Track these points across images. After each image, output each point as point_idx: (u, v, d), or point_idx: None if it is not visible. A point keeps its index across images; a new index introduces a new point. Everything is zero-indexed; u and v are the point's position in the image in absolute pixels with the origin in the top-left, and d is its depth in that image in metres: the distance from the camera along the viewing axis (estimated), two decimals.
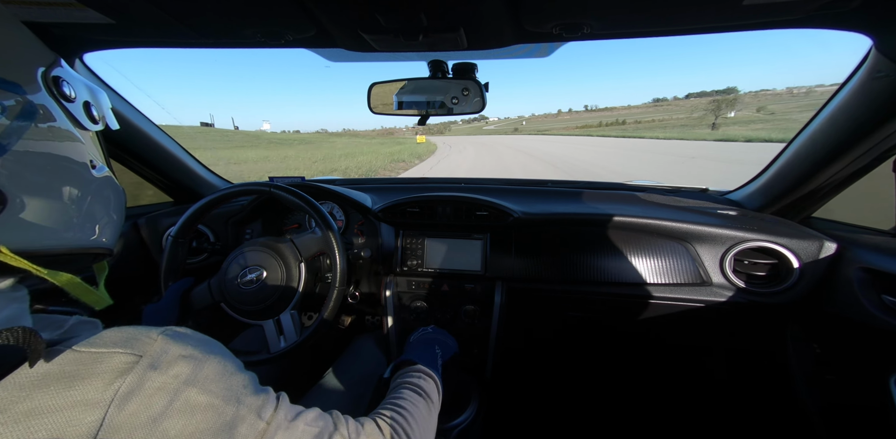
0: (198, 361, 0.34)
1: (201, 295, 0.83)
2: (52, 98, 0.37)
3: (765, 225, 0.99)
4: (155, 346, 0.33)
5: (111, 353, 0.31)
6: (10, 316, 0.33)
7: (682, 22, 0.67)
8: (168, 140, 1.19)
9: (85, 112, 0.42)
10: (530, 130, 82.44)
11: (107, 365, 0.30)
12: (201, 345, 0.37)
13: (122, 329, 0.34)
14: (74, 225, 0.38)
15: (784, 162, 0.96)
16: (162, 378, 0.31)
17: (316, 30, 0.69)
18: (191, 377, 0.33)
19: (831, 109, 0.80)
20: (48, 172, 0.35)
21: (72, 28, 0.71)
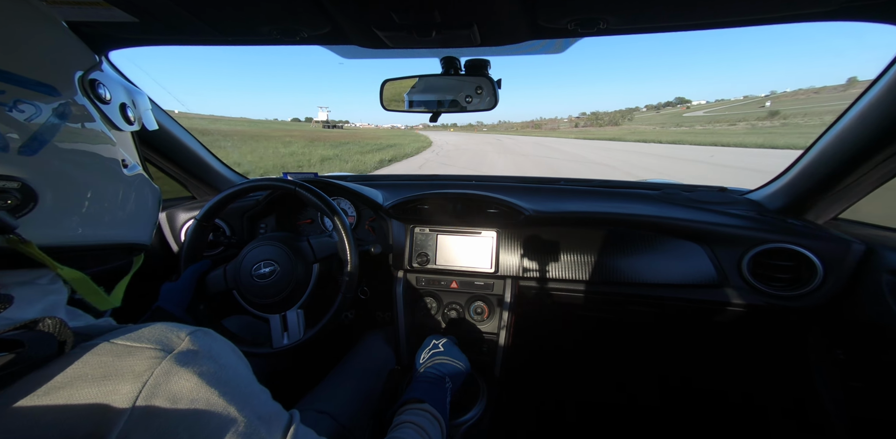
0: (220, 365, 0.35)
1: (216, 280, 0.86)
2: (87, 100, 0.39)
3: (787, 226, 0.96)
4: (182, 345, 0.34)
5: (142, 348, 0.32)
6: (45, 307, 0.35)
7: (705, 15, 0.65)
8: (187, 136, 1.22)
9: (121, 113, 0.44)
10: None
11: (137, 359, 0.31)
12: (225, 349, 0.37)
13: (156, 325, 0.35)
14: (105, 221, 0.40)
15: (810, 161, 0.92)
16: (185, 375, 0.32)
17: (331, 27, 0.70)
18: (212, 379, 0.33)
19: (862, 106, 0.76)
20: (79, 171, 0.36)
21: (98, 27, 0.74)
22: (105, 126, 0.41)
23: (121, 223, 0.43)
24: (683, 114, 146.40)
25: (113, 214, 0.41)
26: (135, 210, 0.45)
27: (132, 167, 0.44)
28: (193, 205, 1.32)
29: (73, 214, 0.36)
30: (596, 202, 1.19)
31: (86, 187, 0.37)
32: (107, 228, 0.41)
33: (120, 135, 0.43)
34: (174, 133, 1.16)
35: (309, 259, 0.87)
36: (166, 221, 1.28)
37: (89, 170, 0.38)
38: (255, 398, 0.36)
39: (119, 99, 0.44)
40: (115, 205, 0.41)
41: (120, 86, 0.45)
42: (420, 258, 1.13)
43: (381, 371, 0.99)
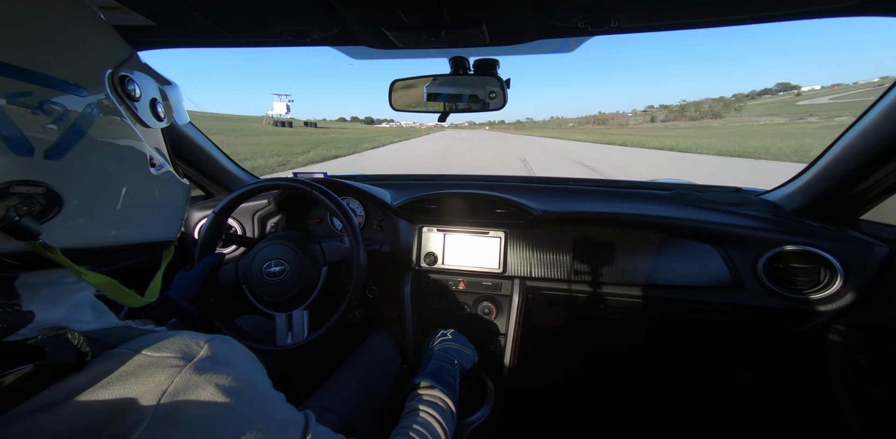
0: (238, 372, 0.36)
1: (227, 273, 0.88)
2: (116, 98, 0.37)
3: (804, 227, 0.93)
4: (201, 353, 0.35)
5: (162, 357, 0.33)
6: (71, 306, 0.36)
7: (720, 12, 0.64)
8: (200, 135, 1.25)
9: (151, 110, 0.42)
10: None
11: (157, 368, 0.32)
12: (243, 356, 0.39)
13: (175, 335, 0.36)
14: (133, 222, 0.39)
15: (830, 160, 0.89)
16: (203, 383, 0.33)
17: (340, 27, 0.71)
18: (230, 386, 0.34)
19: (887, 103, 0.73)
20: (106, 173, 0.35)
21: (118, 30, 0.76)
22: (134, 124, 0.39)
23: (150, 222, 0.42)
24: (798, 103, 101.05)
25: (141, 214, 0.40)
26: (163, 208, 0.44)
27: (160, 165, 0.43)
28: (207, 203, 1.34)
29: (100, 217, 0.35)
30: (605, 202, 1.18)
31: (113, 189, 0.36)
32: (135, 228, 0.40)
33: (148, 131, 0.42)
34: (187, 133, 1.18)
35: (319, 262, 0.88)
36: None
37: (117, 172, 0.37)
38: (271, 404, 0.37)
39: (149, 94, 0.42)
40: (143, 205, 0.40)
41: (150, 80, 0.43)
42: (428, 258, 1.13)
43: (386, 370, 0.99)
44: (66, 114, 0.32)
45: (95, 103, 0.34)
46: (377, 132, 60.47)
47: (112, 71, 0.37)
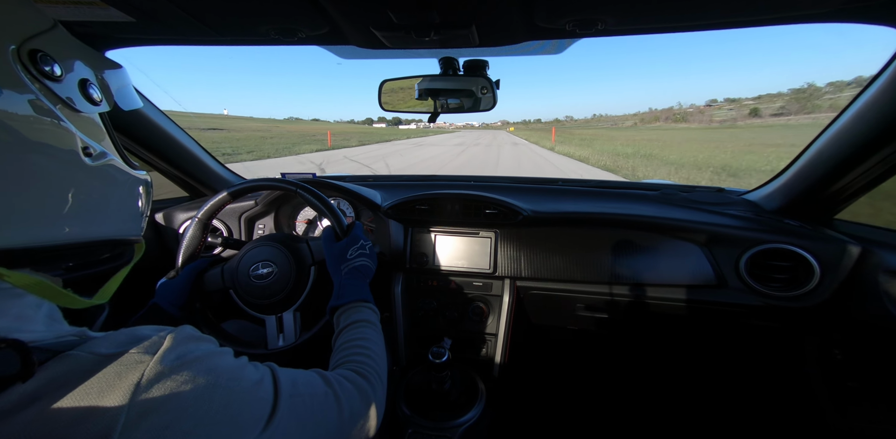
0: (206, 354, 0.36)
1: (213, 278, 0.86)
2: (27, 76, 0.32)
3: (783, 226, 0.96)
4: (165, 344, 0.34)
5: (125, 354, 0.32)
6: (18, 313, 0.33)
7: (701, 17, 0.66)
8: (184, 136, 1.21)
9: (80, 92, 0.37)
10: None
11: (121, 365, 0.31)
12: (203, 340, 0.39)
13: (130, 330, 0.35)
14: (67, 219, 0.35)
15: (806, 161, 0.92)
16: (177, 369, 0.32)
17: (329, 27, 0.70)
18: (202, 367, 0.34)
19: (859, 106, 0.76)
20: (21, 168, 0.31)
21: (95, 26, 0.73)
22: (54, 105, 0.34)
23: (93, 219, 0.38)
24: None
25: (76, 210, 0.36)
26: (106, 203, 0.40)
27: (100, 155, 0.38)
28: (191, 205, 1.31)
29: (21, 215, 0.31)
30: (594, 202, 1.19)
31: (33, 184, 0.32)
32: (75, 226, 0.36)
33: (81, 118, 0.37)
34: (171, 132, 1.15)
35: (307, 261, 0.87)
36: (164, 222, 1.27)
37: (35, 164, 0.32)
38: (241, 369, 0.38)
39: (78, 74, 0.37)
40: (77, 200, 0.36)
41: (79, 57, 0.38)
42: (419, 258, 1.13)
43: None
44: None
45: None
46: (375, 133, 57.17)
47: (16, 46, 0.32)
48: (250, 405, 0.37)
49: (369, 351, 0.59)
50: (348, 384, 0.50)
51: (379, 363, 0.58)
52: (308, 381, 0.46)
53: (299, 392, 0.43)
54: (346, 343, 0.60)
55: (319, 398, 0.45)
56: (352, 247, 0.78)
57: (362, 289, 0.72)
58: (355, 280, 0.73)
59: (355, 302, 0.69)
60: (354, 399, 0.49)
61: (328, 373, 0.51)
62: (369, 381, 0.53)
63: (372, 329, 0.64)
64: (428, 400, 0.99)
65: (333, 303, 0.69)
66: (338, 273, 0.75)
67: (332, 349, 0.61)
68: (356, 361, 0.56)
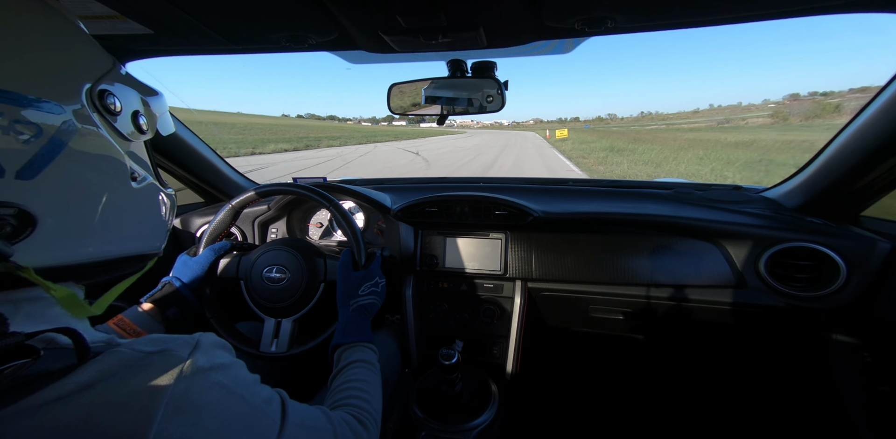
0: (229, 362, 0.39)
1: (229, 265, 0.88)
2: (94, 112, 0.36)
3: (805, 224, 0.93)
4: (197, 345, 0.36)
5: (164, 351, 0.34)
6: (52, 319, 0.36)
7: (717, 11, 0.64)
8: (199, 142, 1.25)
9: (132, 123, 0.41)
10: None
11: (161, 360, 0.33)
12: (227, 349, 0.41)
13: (165, 335, 0.37)
14: (113, 237, 0.38)
15: (829, 156, 0.89)
16: (204, 373, 0.35)
17: (338, 33, 0.71)
18: (226, 375, 0.36)
19: (886, 98, 0.73)
20: (82, 191, 0.34)
21: (115, 39, 0.76)
22: (113, 139, 0.38)
23: (131, 236, 0.41)
24: None
25: (122, 229, 0.39)
26: (145, 221, 0.43)
27: (143, 179, 0.42)
28: (207, 210, 1.34)
29: (77, 235, 0.35)
30: (606, 202, 1.18)
31: (91, 206, 0.35)
32: (117, 244, 0.39)
33: (130, 144, 0.41)
34: (186, 140, 1.19)
35: (319, 278, 0.88)
36: (181, 227, 1.30)
37: (94, 189, 0.35)
38: (255, 385, 0.41)
39: (131, 107, 0.41)
40: (124, 220, 0.39)
41: (133, 91, 0.42)
42: (429, 261, 1.13)
43: (389, 372, 0.99)
44: (40, 132, 0.30)
45: (72, 120, 0.33)
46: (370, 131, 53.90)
47: (91, 85, 0.36)
48: (261, 420, 0.38)
49: (367, 394, 0.59)
50: (347, 429, 0.50)
51: (375, 407, 0.59)
52: (313, 416, 0.47)
53: (304, 423, 0.44)
54: (345, 383, 0.60)
55: (321, 433, 0.46)
56: (365, 283, 0.78)
57: (366, 329, 0.72)
58: (361, 318, 0.74)
59: (357, 342, 0.69)
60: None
61: (331, 413, 0.51)
62: (366, 428, 0.54)
63: (371, 370, 0.65)
64: (440, 403, 0.98)
65: (338, 341, 0.69)
66: (345, 306, 0.75)
67: (329, 386, 0.61)
68: (354, 405, 0.56)
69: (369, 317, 0.76)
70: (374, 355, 0.69)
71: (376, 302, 0.78)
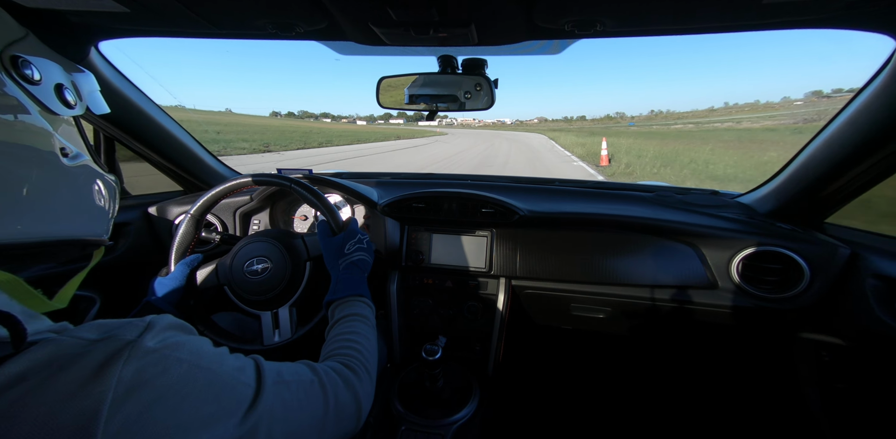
0: (187, 338, 0.38)
1: (207, 275, 0.85)
2: (10, 81, 0.34)
3: (775, 229, 0.97)
4: (147, 326, 0.35)
5: (109, 336, 0.33)
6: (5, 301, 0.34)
7: (700, 20, 0.66)
8: (179, 130, 1.20)
9: (56, 95, 0.39)
10: None
11: (105, 345, 0.31)
12: (185, 327, 0.40)
13: (113, 320, 0.36)
14: (43, 217, 0.36)
15: (799, 165, 0.94)
16: (159, 348, 0.34)
17: (328, 22, 0.69)
18: (185, 349, 0.36)
19: (852, 111, 0.77)
20: (5, 165, 0.32)
21: (88, 16, 0.72)
22: (36, 110, 0.36)
23: (63, 218, 0.39)
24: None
25: (52, 209, 0.37)
26: (79, 203, 0.41)
27: (75, 156, 0.40)
28: (185, 199, 1.30)
29: (4, 212, 0.33)
30: (590, 203, 1.20)
31: (15, 182, 0.33)
32: (47, 224, 0.37)
33: (58, 120, 0.39)
34: (166, 126, 1.14)
35: (303, 257, 0.86)
36: (157, 216, 1.26)
37: (18, 163, 0.33)
38: (223, 355, 0.40)
39: (53, 79, 0.39)
40: (54, 196, 0.37)
41: (53, 64, 0.40)
42: (414, 256, 1.13)
43: None
44: None
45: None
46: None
47: (0, 50, 0.34)
48: (233, 388, 0.38)
49: (359, 344, 0.59)
50: (334, 374, 0.51)
51: (367, 357, 0.59)
52: (294, 370, 0.47)
53: (284, 379, 0.44)
54: (337, 336, 0.61)
55: (305, 384, 0.46)
56: (349, 241, 0.78)
57: (359, 284, 0.72)
58: (353, 274, 0.73)
59: (350, 296, 0.69)
60: (340, 389, 0.50)
61: (315, 364, 0.51)
62: (356, 373, 0.54)
63: (364, 323, 0.65)
64: (421, 398, 0.99)
65: (329, 298, 0.70)
66: (335, 267, 0.75)
67: (325, 341, 0.62)
68: (344, 354, 0.57)
69: (362, 273, 0.75)
70: (368, 308, 0.69)
71: (365, 257, 0.78)
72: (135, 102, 1.03)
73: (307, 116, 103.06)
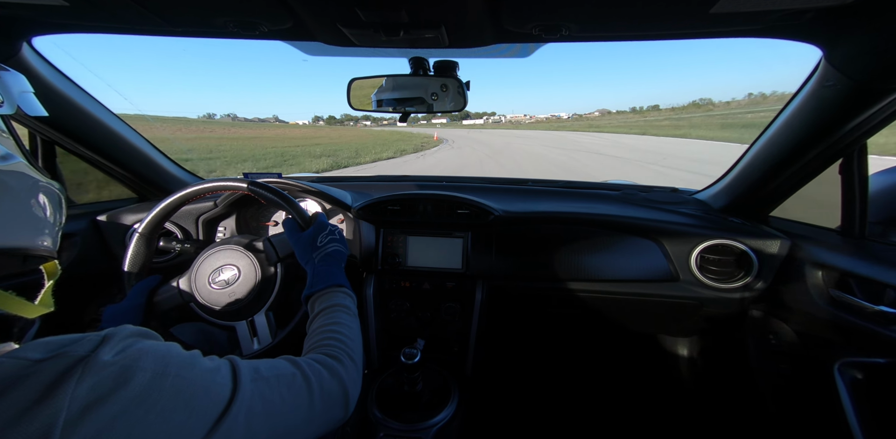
0: (152, 344, 0.36)
1: (168, 295, 0.79)
2: None
3: (727, 223, 1.05)
4: (104, 340, 0.33)
5: (59, 354, 0.30)
6: None
7: (655, 28, 0.70)
8: (131, 132, 1.12)
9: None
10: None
11: (55, 363, 0.29)
12: (151, 335, 0.38)
13: (65, 336, 0.33)
14: None
15: (745, 164, 1.02)
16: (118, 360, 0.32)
17: (293, 21, 0.67)
18: (149, 357, 0.34)
19: (787, 115, 0.85)
20: None
21: (18, 8, 0.65)
22: None
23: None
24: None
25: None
26: (13, 210, 0.39)
27: (5, 158, 0.38)
28: (141, 207, 1.21)
29: None
30: (561, 202, 1.24)
31: None
32: None
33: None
34: (115, 128, 1.06)
35: (272, 259, 0.83)
36: (109, 226, 1.16)
37: None
38: (194, 358, 0.38)
39: None
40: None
41: None
42: (390, 259, 1.12)
43: None
44: None
45: None
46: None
47: None
48: (206, 391, 0.36)
49: (341, 335, 0.58)
50: (318, 365, 0.50)
51: (351, 346, 0.58)
52: (272, 365, 0.46)
53: (262, 375, 0.43)
54: (319, 328, 0.59)
55: (286, 378, 0.45)
56: (320, 233, 0.75)
57: (336, 275, 0.70)
58: (330, 266, 0.72)
59: (328, 288, 0.68)
60: (324, 378, 0.49)
61: (297, 358, 0.50)
62: (340, 362, 0.53)
63: (345, 312, 0.63)
64: (400, 403, 0.98)
65: (307, 292, 0.68)
66: (310, 261, 0.72)
67: (307, 335, 0.60)
68: (327, 344, 0.56)
69: (338, 264, 0.74)
70: (349, 298, 0.68)
71: (340, 248, 0.76)
72: (77, 103, 0.95)
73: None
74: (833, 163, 0.87)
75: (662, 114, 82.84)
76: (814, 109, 0.79)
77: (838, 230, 0.93)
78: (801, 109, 0.82)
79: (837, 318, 0.83)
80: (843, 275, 0.84)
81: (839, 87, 0.72)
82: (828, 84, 0.73)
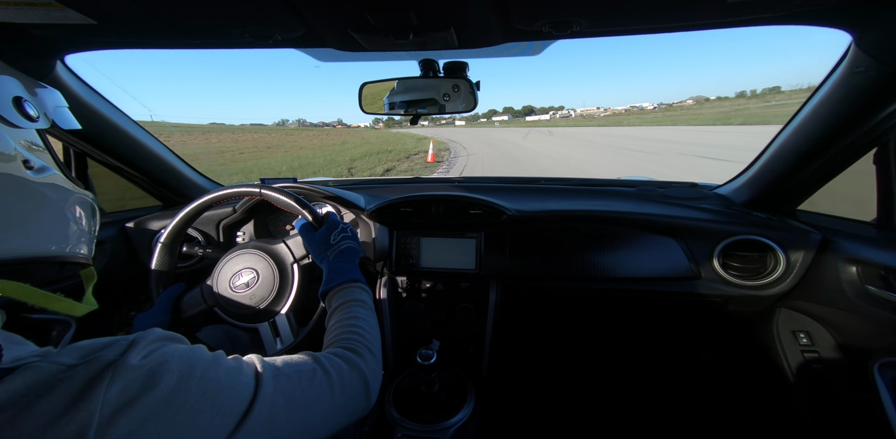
0: (174, 347, 0.37)
1: (193, 300, 0.82)
2: None
3: (751, 218, 1.01)
4: (131, 344, 0.34)
5: (90, 359, 0.32)
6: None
7: (669, 20, 0.68)
8: (155, 142, 1.16)
9: (16, 107, 0.39)
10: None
11: (86, 368, 0.31)
12: (173, 337, 0.40)
13: (95, 340, 0.34)
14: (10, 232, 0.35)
15: (770, 156, 0.98)
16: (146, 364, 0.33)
17: (305, 29, 0.69)
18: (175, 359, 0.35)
19: (814, 104, 0.81)
20: None
21: (52, 29, 0.69)
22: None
23: (33, 234, 0.38)
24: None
25: (19, 223, 0.36)
26: (50, 219, 0.40)
27: (41, 169, 0.39)
28: (165, 214, 1.26)
29: None
30: (576, 200, 1.22)
31: None
32: (14, 241, 0.36)
33: (20, 133, 0.39)
34: (140, 139, 1.10)
35: (289, 260, 0.85)
36: (136, 232, 1.21)
37: None
38: (217, 359, 0.40)
39: (10, 92, 0.39)
40: (20, 211, 0.37)
41: (9, 78, 0.41)
42: (404, 261, 1.12)
43: None
44: None
45: None
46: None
47: None
48: (231, 390, 0.37)
49: (359, 329, 0.59)
50: (337, 359, 0.51)
51: (370, 339, 0.59)
52: (293, 361, 0.47)
53: (283, 372, 0.44)
54: (336, 323, 0.61)
55: (307, 374, 0.46)
56: (333, 232, 0.77)
57: (351, 270, 0.72)
58: (344, 262, 0.73)
59: (344, 283, 0.69)
60: (344, 371, 0.50)
61: (316, 353, 0.51)
62: (359, 354, 0.54)
63: (361, 307, 0.65)
64: (417, 403, 0.98)
65: (324, 289, 0.69)
66: (325, 259, 0.74)
67: (326, 331, 0.61)
68: (345, 339, 0.57)
69: (352, 260, 0.75)
70: (365, 292, 0.69)
71: (353, 245, 0.77)
72: (106, 116, 0.99)
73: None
74: (866, 153, 0.82)
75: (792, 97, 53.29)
76: (844, 97, 0.75)
77: (874, 223, 0.88)
78: (829, 98, 0.78)
79: (876, 316, 0.78)
80: (882, 270, 0.79)
81: (871, 73, 0.68)
82: (858, 70, 0.69)
